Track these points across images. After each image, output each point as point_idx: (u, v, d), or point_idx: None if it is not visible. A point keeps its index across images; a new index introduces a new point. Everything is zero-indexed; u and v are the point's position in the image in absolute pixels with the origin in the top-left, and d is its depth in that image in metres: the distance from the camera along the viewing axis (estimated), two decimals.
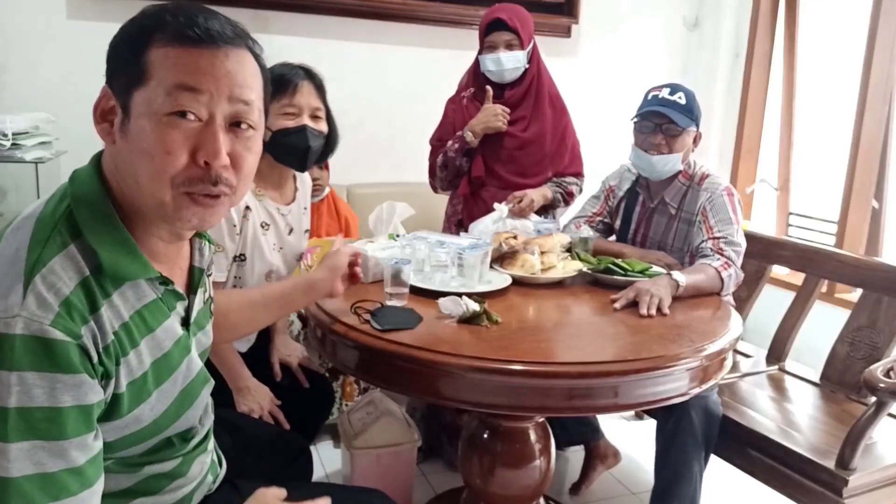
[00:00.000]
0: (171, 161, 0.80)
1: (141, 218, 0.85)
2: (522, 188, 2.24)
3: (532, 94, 2.31)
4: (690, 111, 1.91)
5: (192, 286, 0.97)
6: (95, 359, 0.77)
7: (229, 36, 0.83)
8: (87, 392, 0.75)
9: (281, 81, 1.63)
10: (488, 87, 2.22)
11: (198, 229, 0.87)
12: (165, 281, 0.89)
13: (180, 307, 0.94)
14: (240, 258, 1.63)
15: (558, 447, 1.78)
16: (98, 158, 0.88)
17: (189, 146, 0.81)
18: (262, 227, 1.66)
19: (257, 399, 1.58)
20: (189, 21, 0.80)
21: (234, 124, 0.85)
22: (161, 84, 0.79)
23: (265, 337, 1.82)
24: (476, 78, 2.33)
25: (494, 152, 2.30)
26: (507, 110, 2.24)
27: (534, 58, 2.29)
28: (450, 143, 2.30)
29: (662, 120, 1.91)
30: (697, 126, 1.96)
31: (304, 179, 1.82)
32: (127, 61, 0.81)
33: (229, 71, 0.82)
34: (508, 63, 2.22)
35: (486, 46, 2.24)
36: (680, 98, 1.90)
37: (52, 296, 0.74)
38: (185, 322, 0.95)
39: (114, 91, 0.83)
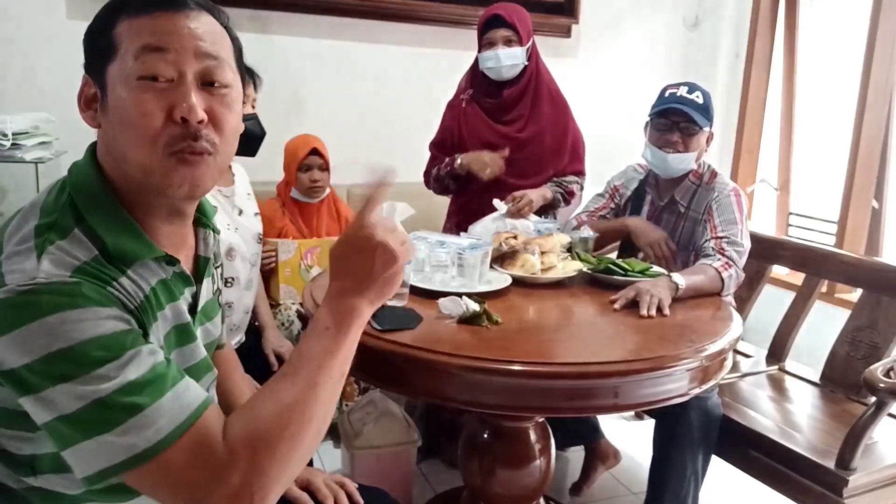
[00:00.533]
0: (149, 122, 0.81)
1: (138, 199, 0.87)
2: (522, 189, 2.24)
3: (530, 92, 2.30)
4: (707, 110, 1.91)
5: (199, 275, 0.98)
6: (131, 307, 0.79)
7: (192, 3, 0.85)
8: (119, 322, 0.76)
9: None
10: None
11: (190, 195, 0.87)
12: (171, 260, 0.90)
13: (188, 293, 0.94)
14: None
15: (558, 447, 1.78)
16: (93, 149, 0.90)
17: (164, 106, 0.82)
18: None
19: None
20: None
21: (208, 84, 0.85)
22: (128, 51, 0.81)
23: (254, 333, 1.84)
24: (475, 78, 2.33)
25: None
26: (502, 166, 2.20)
27: (532, 55, 2.28)
28: (438, 168, 2.32)
29: (680, 118, 1.90)
30: (712, 126, 1.95)
31: (240, 168, 1.94)
32: (98, 42, 0.84)
33: (192, 29, 0.83)
34: (507, 59, 2.20)
35: (484, 44, 2.23)
36: (698, 97, 1.90)
37: (64, 266, 0.76)
38: (192, 310, 0.96)
39: (91, 76, 0.85)
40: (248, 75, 1.80)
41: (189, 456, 0.74)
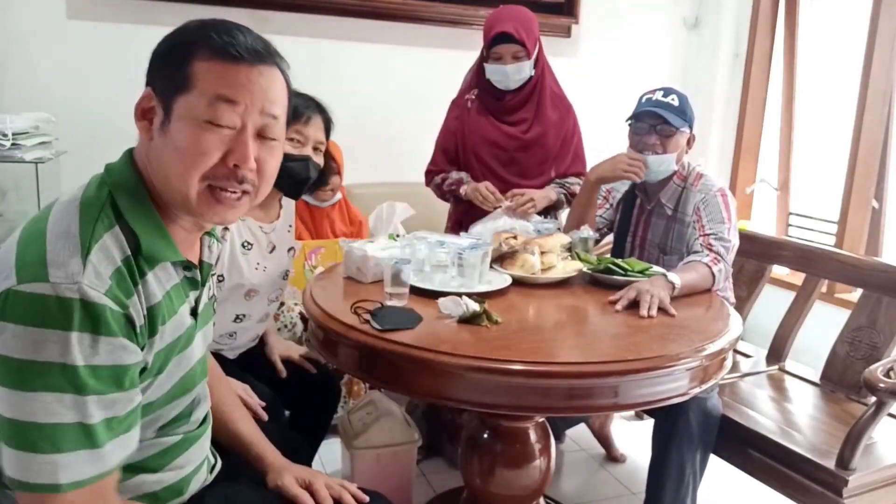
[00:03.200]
0: (204, 160, 0.90)
1: (168, 207, 0.94)
2: (524, 188, 2.24)
3: (535, 96, 2.30)
4: (683, 112, 1.95)
5: (203, 279, 1.04)
6: (138, 329, 0.86)
7: (264, 55, 0.93)
8: (123, 354, 0.84)
9: (295, 111, 1.66)
10: (509, 204, 2.16)
11: (220, 224, 0.97)
12: (189, 266, 0.98)
13: (192, 296, 1.00)
14: (219, 278, 1.60)
15: (556, 436, 1.77)
16: (130, 153, 0.96)
17: (222, 149, 0.90)
18: (244, 246, 1.65)
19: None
20: (231, 39, 0.91)
21: (262, 135, 0.94)
22: (203, 94, 0.89)
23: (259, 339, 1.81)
24: (479, 80, 2.33)
25: (495, 154, 2.30)
26: (499, 197, 2.19)
27: (539, 61, 2.28)
28: (449, 178, 2.32)
29: (656, 121, 1.94)
30: (691, 128, 1.98)
31: (289, 201, 1.83)
32: (172, 69, 0.90)
33: (263, 87, 0.92)
34: (514, 74, 2.21)
35: (491, 56, 2.21)
36: (673, 100, 1.94)
37: (105, 267, 0.83)
38: (193, 313, 1.01)
39: (156, 93, 0.91)
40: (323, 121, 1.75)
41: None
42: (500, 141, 2.29)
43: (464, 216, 2.34)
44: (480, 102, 2.33)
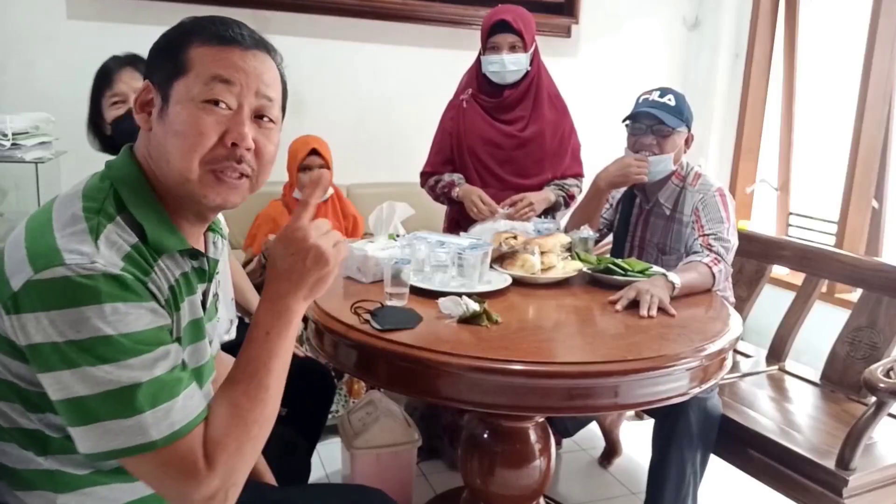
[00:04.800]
0: (202, 141, 0.90)
1: (171, 198, 0.94)
2: (522, 189, 2.24)
3: (531, 94, 2.31)
4: (680, 112, 1.95)
5: (209, 275, 1.04)
6: (162, 301, 0.88)
7: (258, 41, 0.96)
8: (156, 318, 0.85)
9: (104, 73, 1.70)
10: (508, 212, 2.17)
11: (221, 207, 0.96)
12: (195, 254, 0.98)
13: (200, 290, 1.01)
14: None
15: (568, 436, 1.76)
16: (130, 149, 0.97)
17: (219, 130, 0.91)
18: None
19: None
20: (224, 27, 0.94)
21: (258, 117, 0.95)
22: (199, 76, 0.91)
23: (244, 330, 1.81)
24: (477, 78, 2.33)
25: (492, 152, 2.30)
26: (494, 208, 2.19)
27: (535, 59, 2.29)
28: (442, 180, 2.33)
29: (653, 121, 1.94)
30: (689, 128, 1.98)
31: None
32: (169, 58, 0.92)
33: (257, 68, 0.94)
34: (511, 65, 2.22)
35: (489, 47, 2.24)
36: (669, 100, 1.95)
37: (117, 252, 0.84)
38: (203, 307, 1.02)
39: (154, 83, 0.93)
40: None
41: (179, 459, 0.82)
42: (497, 139, 2.29)
43: (459, 216, 2.34)
44: (476, 101, 2.33)
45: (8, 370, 0.85)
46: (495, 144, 2.30)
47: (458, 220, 2.34)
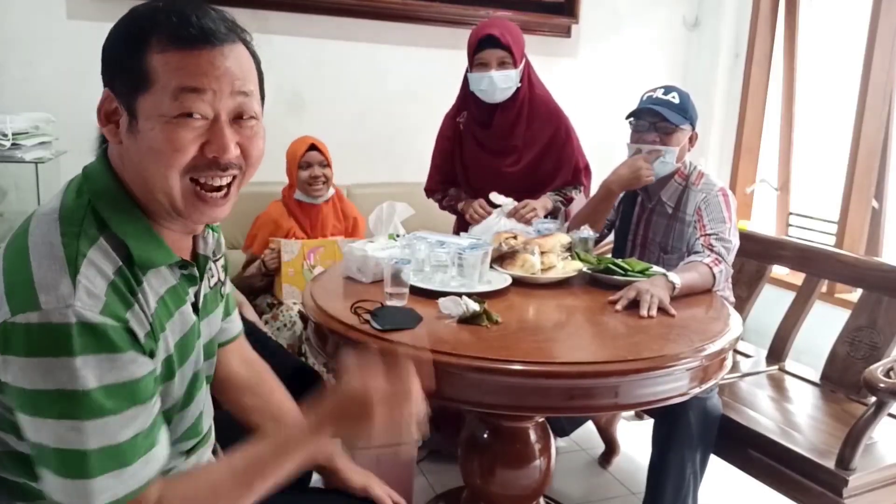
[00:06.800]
0: (180, 157, 0.84)
1: (153, 209, 0.89)
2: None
3: (524, 116, 2.23)
4: (685, 110, 1.94)
5: (200, 273, 1.00)
6: (142, 339, 0.83)
7: (223, 32, 0.85)
8: (133, 368, 0.81)
9: None
10: (495, 208, 2.17)
11: (210, 223, 0.93)
12: (184, 265, 0.94)
13: (192, 293, 0.97)
14: None
15: (564, 435, 1.76)
16: (104, 155, 0.90)
17: (198, 141, 0.85)
18: None
19: None
20: (183, 21, 0.83)
21: (238, 118, 0.88)
22: (166, 89, 0.82)
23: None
24: (465, 99, 2.26)
25: (491, 184, 2.22)
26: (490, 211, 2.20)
27: (525, 75, 2.20)
28: (449, 194, 2.36)
29: (656, 118, 1.94)
30: (693, 126, 1.98)
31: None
32: (127, 67, 0.84)
33: (228, 68, 0.85)
34: (501, 82, 2.13)
35: (476, 64, 2.14)
36: (674, 98, 1.94)
37: (98, 284, 0.79)
38: (195, 308, 0.99)
39: (116, 94, 0.85)
40: None
41: None
42: (493, 175, 2.26)
43: (466, 225, 2.34)
44: (471, 131, 2.28)
45: None
46: (492, 179, 2.24)
47: (466, 228, 2.33)
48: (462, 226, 2.38)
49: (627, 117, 2.01)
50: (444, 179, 2.38)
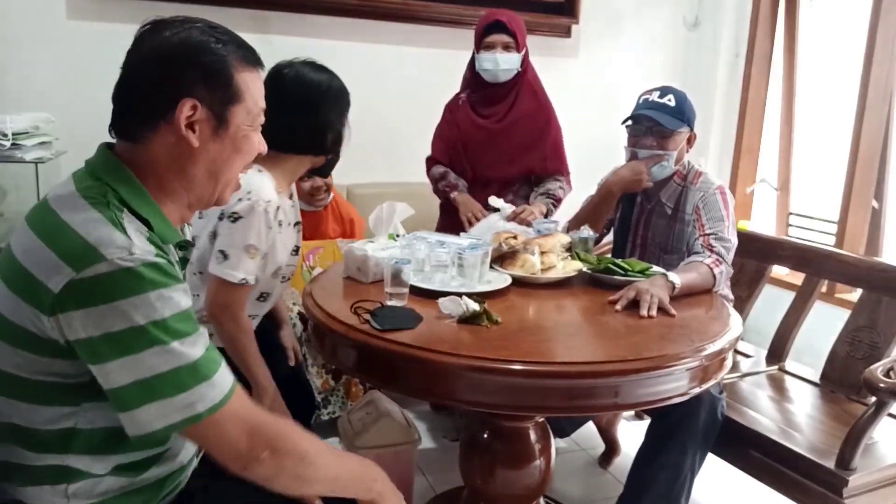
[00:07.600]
0: (254, 156, 1.06)
1: (165, 198, 1.00)
2: (501, 180, 2.36)
3: (514, 91, 2.40)
4: (681, 113, 1.94)
5: (184, 261, 1.12)
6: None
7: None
8: (187, 298, 0.92)
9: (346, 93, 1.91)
10: (493, 212, 2.25)
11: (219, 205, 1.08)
12: (184, 246, 1.07)
13: (181, 275, 1.06)
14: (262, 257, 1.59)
15: (564, 435, 1.76)
16: (107, 152, 1.00)
17: None
18: (280, 225, 1.63)
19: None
20: (247, 47, 1.03)
21: None
22: (255, 104, 1.03)
23: (264, 324, 1.80)
24: (469, 78, 2.42)
25: (474, 141, 2.40)
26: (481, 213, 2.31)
27: (525, 62, 2.38)
28: (448, 178, 2.43)
29: (652, 122, 1.93)
30: (691, 127, 1.97)
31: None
32: (220, 83, 0.98)
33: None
34: (504, 64, 2.31)
35: (483, 46, 2.32)
36: (669, 101, 1.93)
37: (142, 237, 0.90)
38: None
39: (204, 104, 0.96)
40: None
41: (231, 419, 0.91)
42: (476, 129, 2.40)
43: (448, 221, 2.43)
44: (469, 99, 2.43)
45: (48, 371, 0.89)
46: (475, 134, 2.40)
47: (451, 224, 2.37)
48: (446, 225, 2.42)
49: (624, 122, 2.01)
50: (444, 147, 2.47)
